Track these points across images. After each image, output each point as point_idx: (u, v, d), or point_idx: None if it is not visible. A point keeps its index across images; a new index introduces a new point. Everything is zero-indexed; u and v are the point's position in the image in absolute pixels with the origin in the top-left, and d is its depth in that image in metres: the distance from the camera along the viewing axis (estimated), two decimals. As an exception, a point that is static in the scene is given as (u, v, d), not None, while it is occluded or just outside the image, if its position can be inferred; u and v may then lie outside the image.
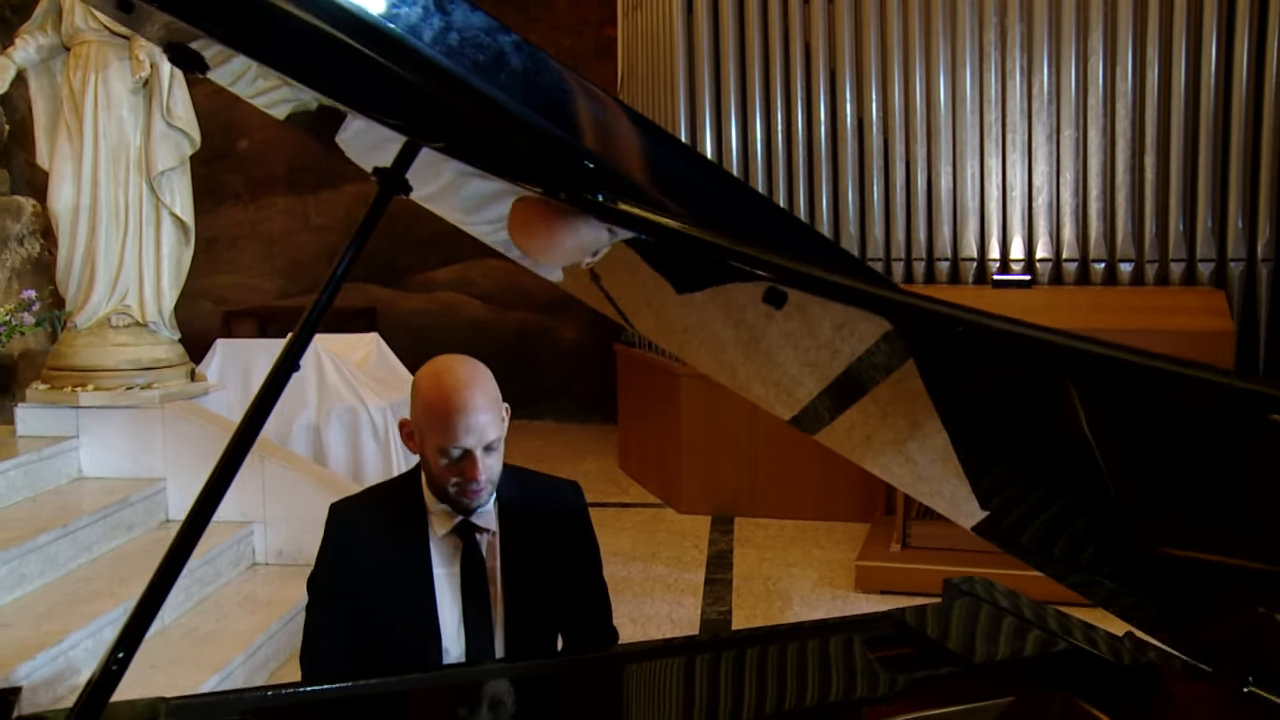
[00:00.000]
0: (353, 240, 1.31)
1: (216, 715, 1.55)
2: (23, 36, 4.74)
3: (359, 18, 0.82)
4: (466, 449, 2.02)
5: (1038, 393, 1.45)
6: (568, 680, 1.79)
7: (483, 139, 1.00)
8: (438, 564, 2.13)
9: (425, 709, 1.68)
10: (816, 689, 1.70)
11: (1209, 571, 1.52)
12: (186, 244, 4.93)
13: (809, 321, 2.12)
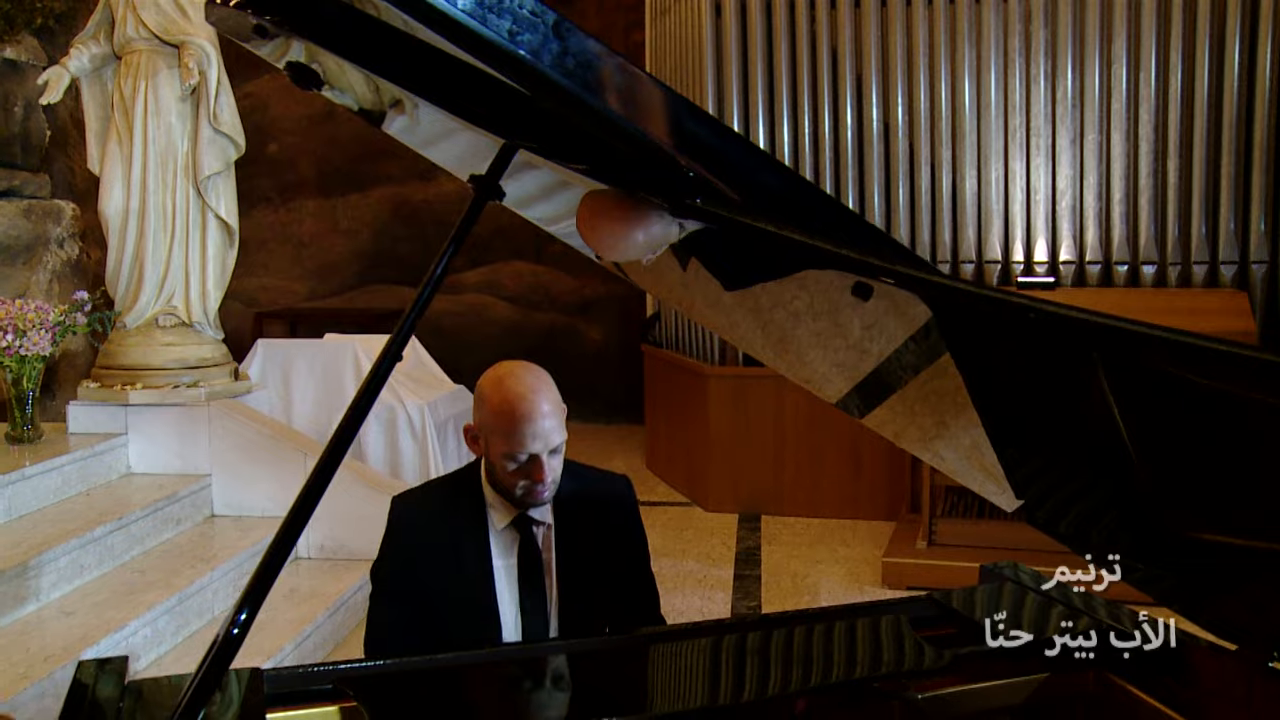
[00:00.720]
0: (450, 240, 1.42)
1: (310, 683, 1.67)
2: (76, 46, 4.89)
3: (488, 40, 0.94)
4: (533, 454, 2.13)
5: (1074, 381, 1.55)
6: (628, 653, 1.90)
7: (593, 150, 1.12)
8: (496, 555, 2.24)
9: (499, 678, 1.80)
10: (867, 662, 1.81)
11: (1236, 554, 1.62)
12: (231, 246, 5.07)
13: (838, 322, 2.22)
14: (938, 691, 1.73)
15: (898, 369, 2.14)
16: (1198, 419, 1.43)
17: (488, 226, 9.88)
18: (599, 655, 1.87)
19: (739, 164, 1.14)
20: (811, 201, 1.31)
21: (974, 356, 1.80)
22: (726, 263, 1.82)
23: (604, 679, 1.81)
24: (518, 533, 2.25)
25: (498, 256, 9.93)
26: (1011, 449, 1.91)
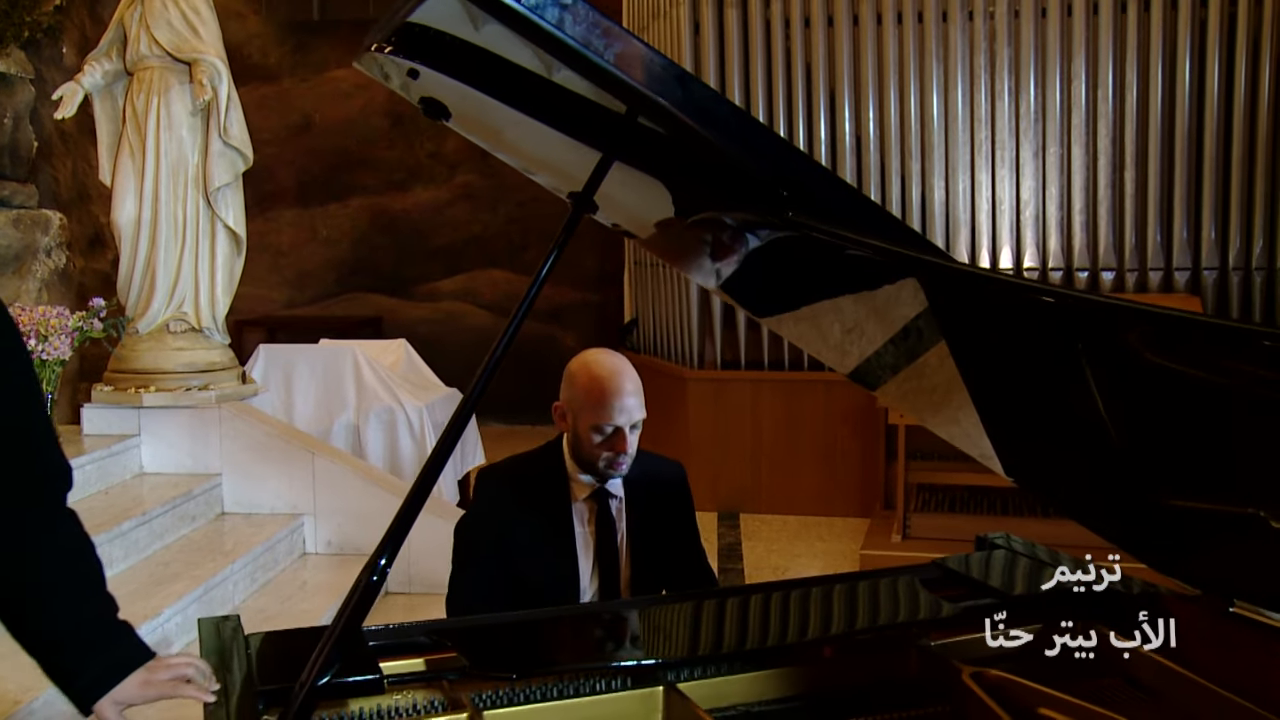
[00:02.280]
0: (551, 251, 1.65)
1: (405, 636, 1.91)
2: (90, 63, 5.08)
3: (634, 89, 1.19)
4: (618, 426, 2.41)
5: (1059, 363, 1.81)
6: (683, 608, 2.16)
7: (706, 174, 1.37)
8: (576, 524, 2.53)
9: (577, 628, 2.05)
10: (890, 613, 2.08)
11: (1201, 516, 1.89)
12: (238, 254, 5.28)
13: (819, 327, 2.49)
14: (947, 640, 1.99)
15: (877, 369, 2.40)
16: (1167, 397, 1.68)
17: (463, 235, 10.10)
18: (660, 610, 2.13)
19: (818, 187, 1.40)
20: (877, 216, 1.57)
21: (970, 343, 2.03)
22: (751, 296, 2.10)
23: (665, 628, 2.07)
24: (595, 504, 2.54)
25: (474, 264, 10.15)
26: (1002, 431, 2.18)
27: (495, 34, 1.26)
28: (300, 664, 1.66)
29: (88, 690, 1.66)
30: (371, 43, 1.41)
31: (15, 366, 1.67)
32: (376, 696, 1.76)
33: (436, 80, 1.43)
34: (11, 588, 1.65)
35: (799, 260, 1.93)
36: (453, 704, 1.77)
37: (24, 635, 1.68)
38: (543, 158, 1.73)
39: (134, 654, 1.71)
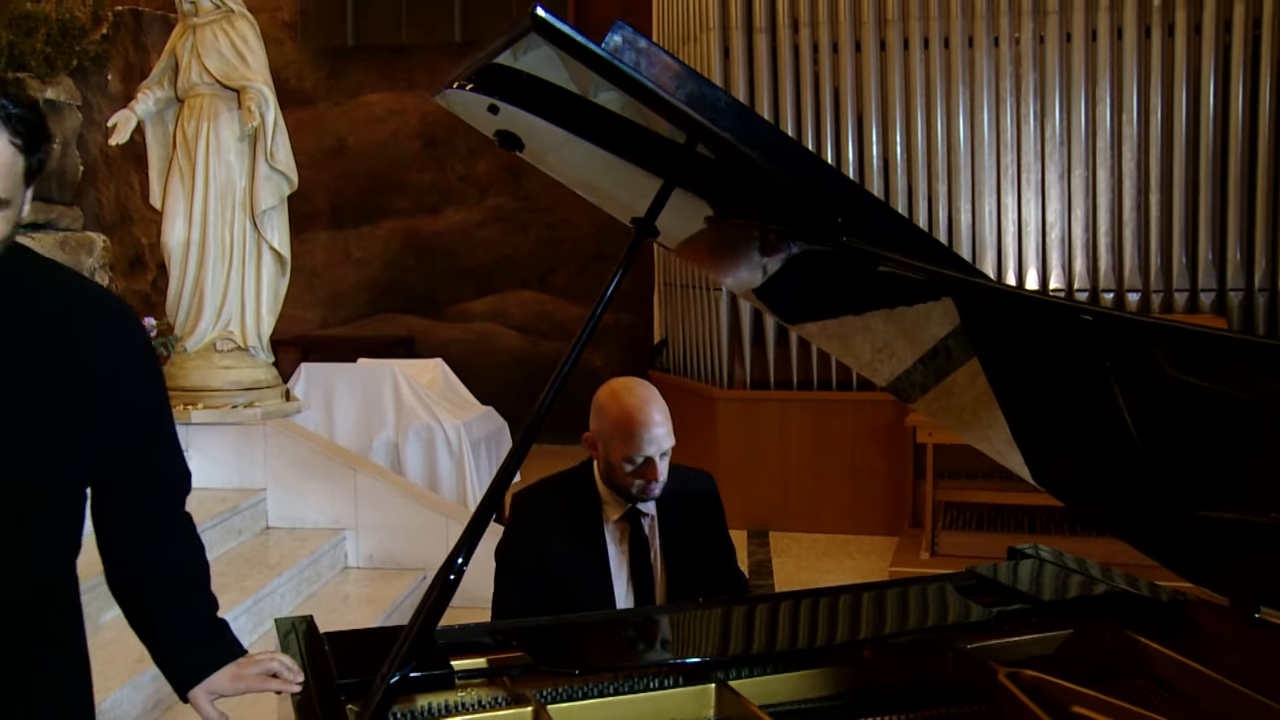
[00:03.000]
0: (615, 272, 1.76)
1: (469, 636, 2.02)
2: (143, 91, 5.26)
3: (702, 125, 1.31)
4: (648, 457, 2.50)
5: (1087, 379, 1.90)
6: (724, 613, 2.26)
7: (764, 200, 1.49)
8: (610, 544, 2.62)
9: (625, 630, 2.16)
10: (924, 618, 2.18)
11: (1227, 526, 1.98)
12: (283, 275, 5.43)
13: (849, 346, 2.59)
14: (982, 644, 2.09)
15: (907, 387, 2.50)
16: (1194, 410, 1.77)
17: (493, 256, 10.26)
18: (710, 614, 2.23)
19: (870, 213, 1.51)
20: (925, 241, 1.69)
21: (1004, 361, 2.13)
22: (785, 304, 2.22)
23: (716, 630, 2.17)
24: (628, 524, 2.63)
25: (504, 286, 10.29)
26: (1033, 445, 2.27)
27: (571, 73, 1.38)
28: (371, 661, 1.78)
29: (185, 678, 1.81)
30: (455, 80, 1.53)
31: (162, 381, 1.86)
32: (446, 691, 1.87)
33: (514, 114, 1.55)
34: (134, 581, 1.81)
35: (834, 273, 2.04)
36: (516, 699, 1.88)
37: (137, 621, 1.83)
38: (607, 184, 1.84)
39: (228, 650, 1.85)
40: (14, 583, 1.65)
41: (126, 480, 1.80)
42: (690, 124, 1.33)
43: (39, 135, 1.50)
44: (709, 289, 7.17)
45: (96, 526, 1.85)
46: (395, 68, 10.34)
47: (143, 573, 1.84)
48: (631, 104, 1.41)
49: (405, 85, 10.33)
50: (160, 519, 1.88)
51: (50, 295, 1.67)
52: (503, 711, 1.84)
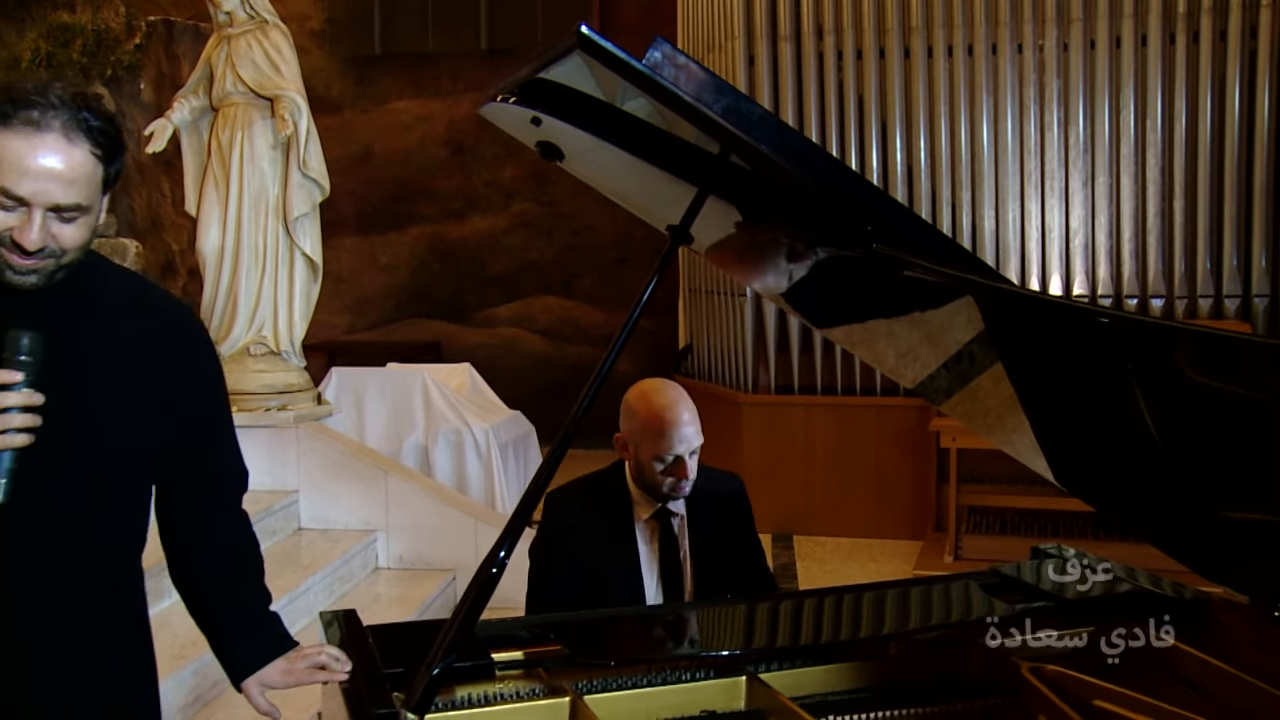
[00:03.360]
0: (651, 278, 1.82)
1: (507, 630, 2.09)
2: (179, 100, 5.36)
3: (738, 137, 1.37)
4: (678, 455, 2.57)
5: (1110, 384, 1.95)
6: (754, 608, 2.33)
7: (796, 208, 1.55)
8: (640, 543, 2.69)
9: (657, 625, 2.23)
10: (956, 612, 2.24)
11: (1248, 527, 2.03)
12: (315, 281, 5.52)
13: (874, 350, 2.65)
14: (1003, 640, 2.14)
15: (930, 392, 2.55)
16: (1214, 412, 1.82)
17: (518, 262, 10.35)
18: (740, 609, 2.30)
19: (898, 222, 1.57)
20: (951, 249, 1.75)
21: (1027, 365, 2.18)
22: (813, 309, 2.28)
23: (746, 625, 2.24)
24: (658, 523, 2.70)
25: (529, 291, 10.38)
26: (1057, 448, 2.32)
27: (612, 87, 1.45)
28: (413, 652, 1.85)
29: (238, 669, 1.88)
30: (499, 94, 1.60)
31: (224, 383, 1.98)
32: (486, 682, 1.94)
33: (556, 126, 1.62)
34: (192, 575, 1.90)
35: (861, 278, 2.10)
36: (553, 690, 1.94)
37: (196, 612, 1.92)
38: (642, 193, 1.91)
39: (279, 643, 1.93)
40: (99, 562, 1.75)
41: (187, 477, 1.89)
42: (727, 136, 1.39)
43: (117, 146, 1.60)
44: (734, 295, 7.23)
45: (160, 522, 1.94)
46: (422, 75, 10.45)
47: (201, 567, 1.93)
48: (664, 114, 1.48)
49: (432, 92, 10.44)
50: (217, 516, 1.97)
51: (125, 299, 1.77)
52: (541, 701, 1.90)
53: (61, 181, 1.52)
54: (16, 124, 1.51)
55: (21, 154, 1.50)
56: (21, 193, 1.50)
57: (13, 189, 1.50)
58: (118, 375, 1.72)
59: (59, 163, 1.52)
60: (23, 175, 1.50)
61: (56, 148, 1.52)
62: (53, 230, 1.54)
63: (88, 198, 1.55)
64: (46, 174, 1.51)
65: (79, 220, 1.56)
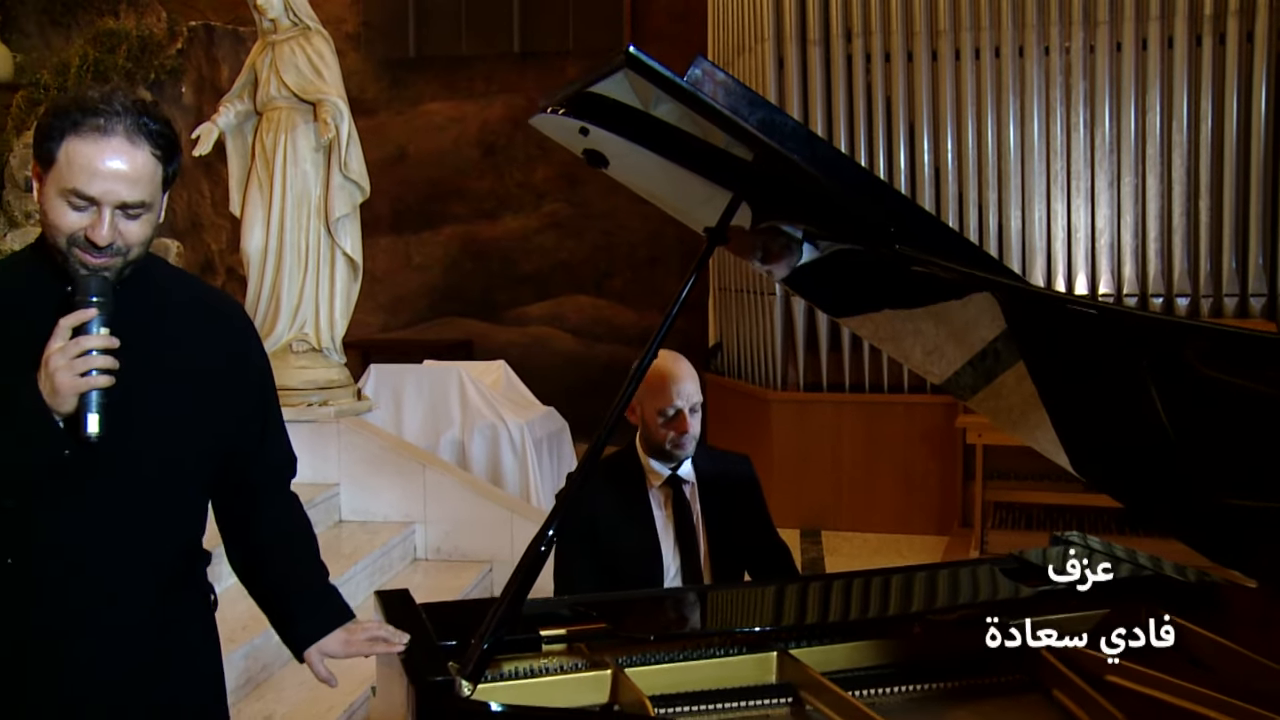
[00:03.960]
0: (688, 277, 1.95)
1: (550, 608, 2.22)
2: (224, 104, 5.52)
3: (769, 145, 1.50)
4: (678, 408, 2.80)
5: (1126, 380, 2.06)
6: (784, 589, 2.45)
7: (824, 211, 1.68)
8: (655, 508, 2.89)
9: (690, 604, 2.35)
10: (979, 593, 2.36)
11: (1256, 514, 2.13)
12: (355, 279, 5.67)
13: (902, 348, 2.76)
14: (1027, 619, 2.25)
15: (956, 389, 2.66)
16: (1222, 405, 1.93)
17: (550, 261, 10.49)
18: (771, 590, 2.42)
19: (919, 224, 1.69)
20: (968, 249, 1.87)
21: (1044, 359, 2.29)
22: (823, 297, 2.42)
23: (776, 605, 2.36)
24: (670, 489, 2.91)
25: (561, 290, 10.51)
26: (1077, 442, 2.43)
27: (656, 100, 1.57)
28: (464, 627, 1.99)
29: (300, 640, 2.02)
30: (549, 105, 1.72)
31: (271, 373, 2.12)
32: (533, 655, 2.08)
33: (602, 136, 1.74)
34: (251, 555, 2.03)
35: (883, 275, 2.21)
36: (595, 664, 2.07)
37: (257, 591, 2.05)
38: (681, 197, 2.03)
39: (339, 614, 2.06)
40: (171, 545, 1.89)
41: (244, 461, 2.02)
42: (761, 146, 1.51)
43: (174, 148, 1.75)
44: (763, 294, 7.34)
45: (218, 506, 2.07)
46: (455, 78, 10.59)
47: (260, 545, 2.07)
48: (699, 123, 1.60)
49: (465, 95, 10.59)
50: (272, 496, 2.10)
51: (185, 297, 1.91)
52: (584, 674, 2.04)
53: (127, 181, 1.66)
54: (85, 130, 1.65)
55: (91, 157, 1.64)
56: (92, 192, 1.64)
57: (84, 189, 1.64)
58: (182, 367, 1.85)
59: (124, 164, 1.65)
60: (93, 176, 1.64)
61: (122, 150, 1.66)
62: (120, 227, 1.67)
63: (150, 196, 1.69)
64: (114, 175, 1.65)
65: (143, 217, 1.70)
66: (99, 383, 1.64)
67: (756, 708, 2.01)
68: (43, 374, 1.63)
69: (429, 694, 1.80)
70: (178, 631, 1.93)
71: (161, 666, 1.89)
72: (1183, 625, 2.21)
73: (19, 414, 1.64)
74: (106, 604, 1.80)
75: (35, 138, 1.71)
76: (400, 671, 1.93)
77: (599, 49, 10.04)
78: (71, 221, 1.66)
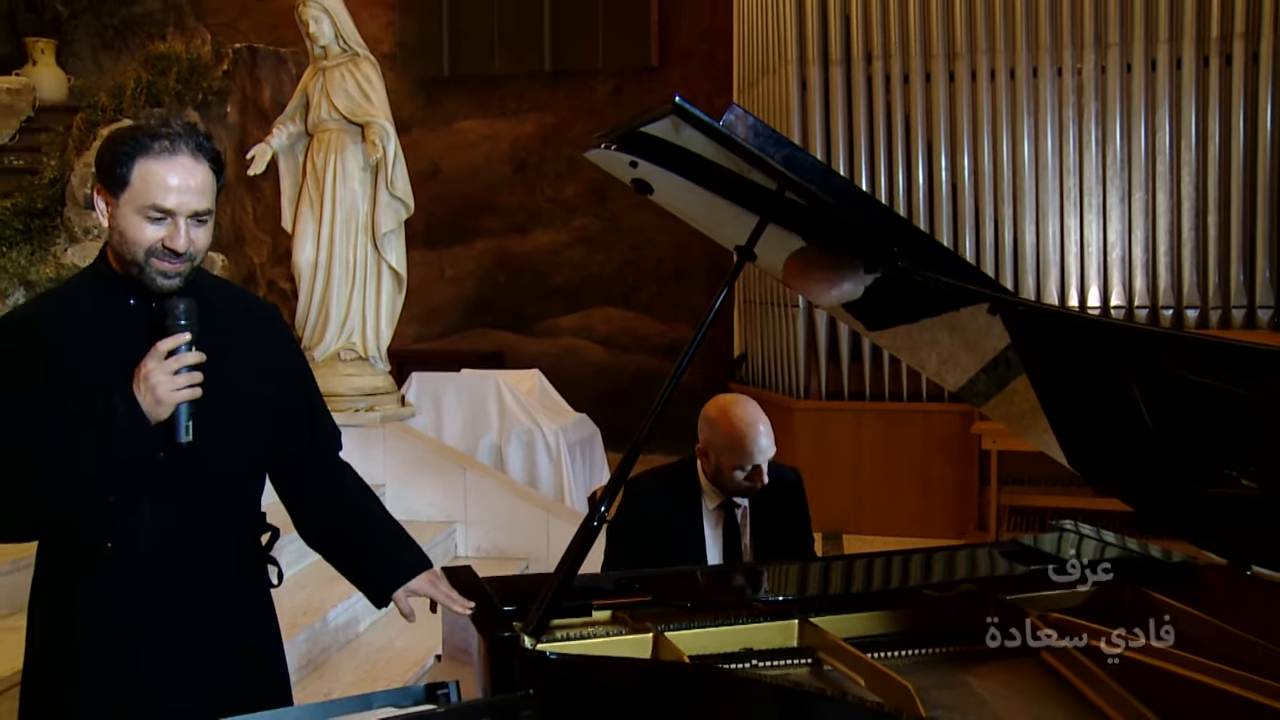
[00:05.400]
0: (720, 290, 2.23)
1: (595, 581, 2.51)
2: (278, 126, 5.87)
3: (790, 178, 1.78)
4: (757, 465, 3.00)
5: (1112, 384, 2.32)
6: (807, 568, 2.73)
7: (837, 233, 1.96)
8: (706, 527, 3.12)
9: (724, 578, 2.64)
10: (982, 570, 2.63)
11: (1226, 501, 2.39)
12: (399, 292, 5.99)
13: (919, 357, 3.02)
14: (1018, 595, 2.53)
15: (971, 395, 2.92)
16: (1196, 404, 2.18)
17: (579, 274, 10.80)
18: (789, 569, 2.71)
19: (919, 244, 1.98)
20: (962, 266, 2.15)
21: (1050, 376, 2.55)
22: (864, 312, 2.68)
23: (798, 579, 2.64)
24: (723, 512, 3.14)
25: (590, 303, 10.81)
26: (1070, 438, 2.69)
27: (695, 140, 1.87)
28: (522, 595, 2.28)
29: (393, 580, 2.30)
30: (602, 141, 2.01)
31: (305, 358, 2.39)
32: (583, 620, 2.36)
33: (650, 169, 2.03)
34: (326, 519, 2.31)
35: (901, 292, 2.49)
36: (637, 629, 2.36)
37: (337, 554, 2.33)
38: (715, 219, 2.31)
39: (424, 558, 2.35)
40: (245, 529, 2.17)
41: (299, 434, 2.28)
42: (784, 178, 1.80)
43: (222, 163, 2.02)
44: (787, 305, 7.62)
45: (282, 483, 2.32)
46: (488, 96, 10.94)
47: (335, 508, 2.33)
48: (733, 160, 1.90)
49: (497, 112, 10.92)
50: (331, 462, 2.37)
51: (231, 299, 2.20)
52: (629, 636, 2.32)
53: (195, 193, 1.90)
54: (154, 152, 1.90)
55: (164, 175, 1.88)
56: (169, 205, 1.88)
57: (161, 204, 1.89)
58: (242, 370, 2.11)
59: (191, 178, 1.90)
60: (168, 191, 1.88)
61: (188, 166, 1.90)
62: (191, 235, 1.92)
63: (211, 204, 1.96)
64: (185, 188, 1.89)
65: (207, 224, 1.96)
66: (193, 395, 1.91)
67: (780, 667, 2.28)
68: (141, 387, 1.87)
69: (499, 645, 2.08)
70: (251, 611, 2.20)
71: (238, 644, 2.14)
72: (1163, 600, 2.49)
73: (117, 420, 1.87)
74: (191, 585, 2.04)
75: (103, 166, 1.93)
76: (471, 635, 2.22)
77: (628, 68, 10.38)
78: (150, 235, 1.90)
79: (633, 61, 10.38)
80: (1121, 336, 2.27)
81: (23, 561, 3.76)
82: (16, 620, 3.65)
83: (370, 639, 4.49)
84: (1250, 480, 2.28)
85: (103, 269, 2.02)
